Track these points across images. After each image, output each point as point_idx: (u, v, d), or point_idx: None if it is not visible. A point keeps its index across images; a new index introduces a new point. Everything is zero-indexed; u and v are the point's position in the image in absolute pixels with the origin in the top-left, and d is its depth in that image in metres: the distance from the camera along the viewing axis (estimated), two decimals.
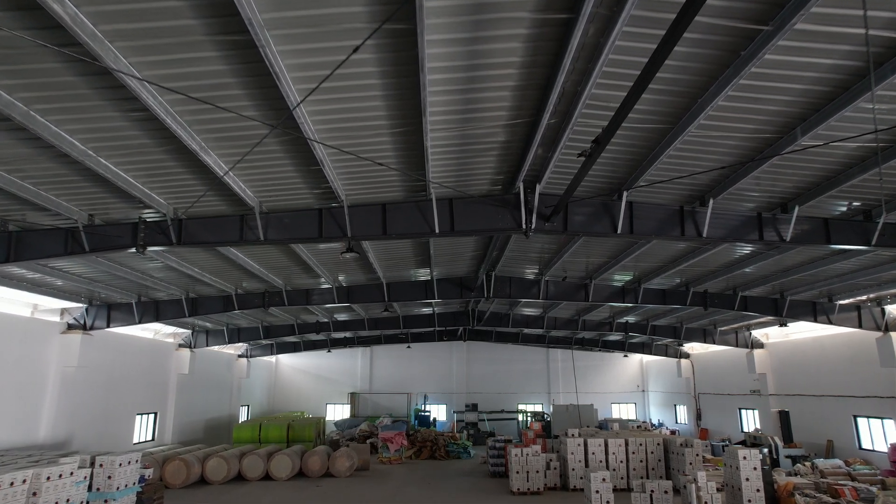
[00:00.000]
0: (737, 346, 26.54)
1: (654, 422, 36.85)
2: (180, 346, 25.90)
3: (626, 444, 19.56)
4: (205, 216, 10.69)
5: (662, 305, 18.89)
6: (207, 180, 9.30)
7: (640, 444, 19.55)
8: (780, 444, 20.82)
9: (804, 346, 23.67)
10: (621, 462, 19.41)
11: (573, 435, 20.51)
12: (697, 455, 18.36)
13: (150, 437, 23.51)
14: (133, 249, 10.47)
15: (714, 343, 26.71)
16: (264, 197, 10.46)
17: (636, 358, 40.83)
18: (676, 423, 35.52)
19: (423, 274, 18.01)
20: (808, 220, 10.76)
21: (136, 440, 22.18)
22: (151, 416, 23.72)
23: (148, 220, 10.47)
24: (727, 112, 7.70)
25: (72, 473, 12.26)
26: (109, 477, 13.57)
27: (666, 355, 34.75)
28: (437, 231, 10.40)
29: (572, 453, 19.39)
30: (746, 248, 14.18)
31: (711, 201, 10.35)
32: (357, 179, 9.97)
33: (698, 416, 32.68)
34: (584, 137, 8.36)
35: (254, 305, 18.36)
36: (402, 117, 7.76)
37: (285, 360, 40.66)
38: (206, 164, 8.43)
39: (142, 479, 14.97)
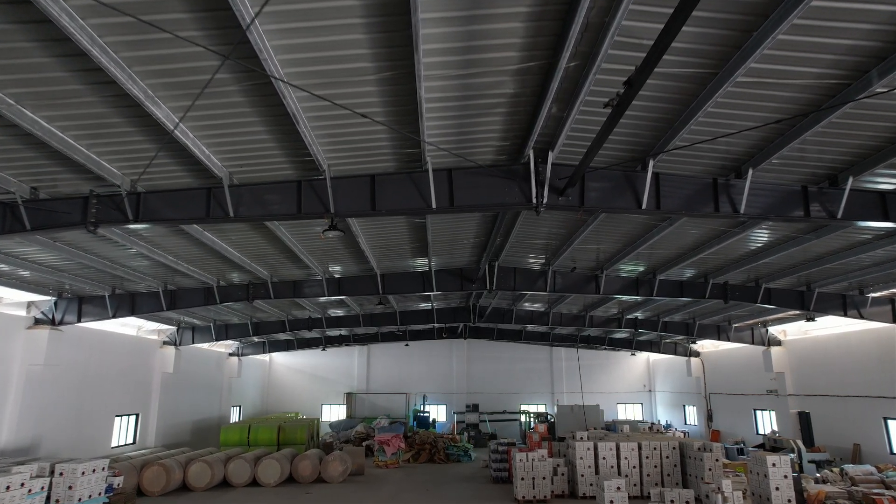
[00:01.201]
0: (752, 343, 25.13)
1: (662, 423, 35.42)
2: (165, 343, 24.51)
3: (640, 448, 18.17)
4: (167, 189, 9.30)
5: (679, 298, 17.50)
6: (163, 143, 7.91)
7: (655, 448, 18.15)
8: (803, 448, 19.41)
9: (827, 343, 22.27)
10: (634, 467, 18.01)
11: (582, 438, 19.11)
12: (717, 460, 16.94)
13: (131, 441, 22.12)
14: (92, 229, 9.08)
15: (728, 340, 25.31)
16: (235, 167, 9.08)
17: (643, 357, 39.44)
18: (686, 424, 34.14)
19: (421, 264, 16.62)
20: (860, 193, 9.36)
21: (114, 444, 20.79)
22: (133, 417, 22.33)
23: (101, 194, 9.08)
24: (787, 50, 6.30)
25: (22, 484, 10.87)
26: (70, 487, 12.21)
27: (675, 353, 33.34)
28: (433, 206, 9.01)
29: (581, 458, 18.00)
30: (765, 234, 12.79)
31: (751, 171, 8.95)
32: (341, 145, 8.58)
33: (709, 417, 31.28)
34: (609, 89, 6.96)
35: (237, 298, 16.98)
36: (389, 57, 6.37)
37: (279, 358, 39.27)
38: (157, 119, 7.04)
39: (109, 488, 13.60)
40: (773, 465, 13.60)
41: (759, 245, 13.74)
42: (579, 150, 8.96)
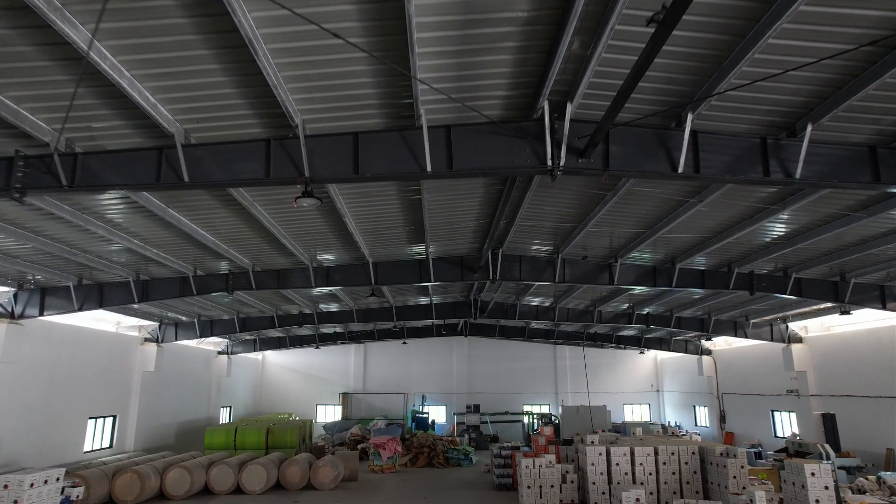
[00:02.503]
0: (772, 340, 23.59)
1: (670, 424, 33.88)
2: (146, 340, 23.01)
3: (656, 453, 16.67)
4: (110, 150, 7.79)
5: (698, 290, 16.00)
6: (94, 85, 6.41)
7: (672, 453, 16.64)
8: (832, 453, 17.90)
9: (854, 339, 20.75)
10: (650, 474, 16.50)
11: (592, 442, 17.61)
12: (742, 467, 15.44)
13: (107, 445, 20.61)
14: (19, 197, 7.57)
15: (745, 337, 23.78)
16: (190, 122, 7.58)
17: (650, 355, 37.93)
18: (696, 425, 32.62)
19: (417, 252, 15.13)
20: None
21: (87, 448, 19.27)
22: (109, 419, 20.81)
23: (29, 155, 7.57)
24: None
25: None
26: (15, 502, 10.67)
27: (686, 351, 31.81)
28: (429, 170, 7.51)
29: (592, 464, 16.49)
30: (802, 216, 11.30)
31: (809, 127, 7.44)
32: (317, 92, 7.10)
33: (722, 419, 29.76)
34: (645, 12, 5.45)
35: (216, 289, 15.47)
36: None
37: (272, 357, 37.76)
38: (74, 46, 5.53)
39: (66, 500, 12.08)
40: (813, 473, 12.08)
41: (795, 227, 12.23)
42: (603, 102, 7.46)
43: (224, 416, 31.79)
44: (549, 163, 7.54)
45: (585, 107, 7.74)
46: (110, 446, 20.68)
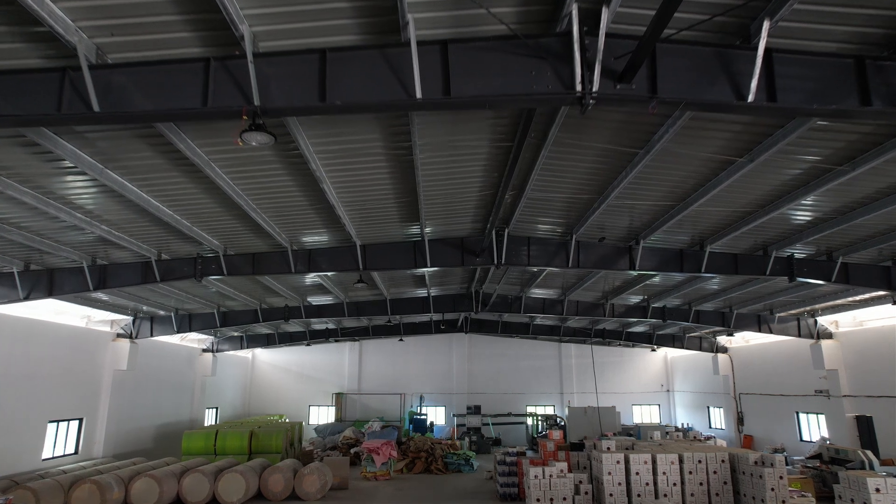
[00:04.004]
0: (799, 335, 21.71)
1: (684, 426, 31.99)
2: (119, 336, 21.14)
3: (681, 460, 14.82)
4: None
5: (734, 275, 14.16)
6: None
7: (699, 461, 14.80)
8: (875, 460, 16.03)
9: (893, 335, 18.87)
10: (674, 485, 14.67)
11: (609, 449, 15.75)
12: (781, 478, 13.60)
13: (72, 451, 18.72)
14: None
15: (770, 332, 21.90)
16: (102, 35, 5.73)
17: (660, 354, 36.05)
18: (710, 427, 30.75)
19: (412, 233, 13.28)
20: None
21: (47, 455, 17.37)
22: (75, 423, 18.93)
23: None
24: None
25: None
26: None
27: (700, 349, 29.93)
28: (418, 97, 5.66)
29: (609, 473, 14.67)
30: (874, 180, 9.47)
31: None
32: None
33: (740, 421, 27.89)
34: None
35: (183, 275, 13.61)
36: None
37: (263, 356, 35.88)
38: None
39: None
40: (878, 489, 10.23)
41: (855, 199, 10.38)
42: (647, 11, 5.61)
43: (210, 418, 29.93)
44: (579, 88, 5.68)
45: (624, 18, 5.92)
46: (75, 452, 18.78)
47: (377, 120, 7.86)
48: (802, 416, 23.62)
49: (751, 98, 5.74)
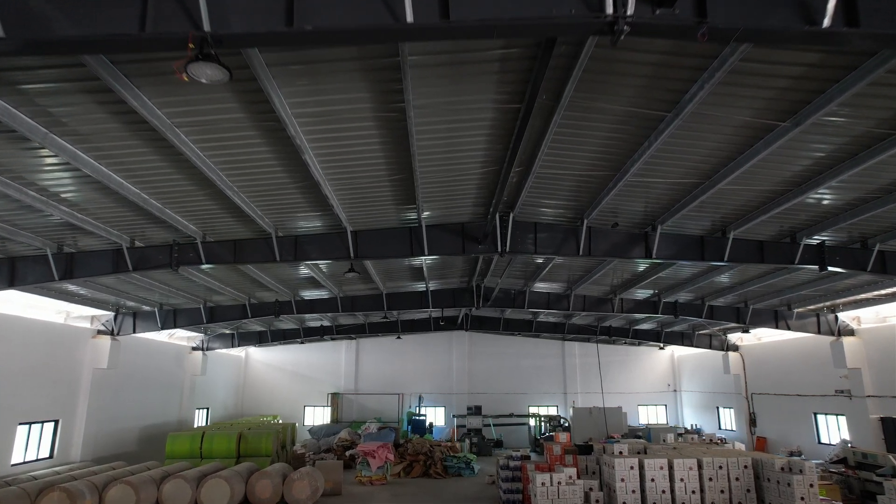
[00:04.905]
0: (818, 332, 20.56)
1: (693, 426, 30.83)
2: (100, 332, 19.97)
3: (700, 466, 13.67)
4: None
5: (760, 264, 13.01)
6: None
7: (720, 467, 13.66)
8: None
9: None
10: (693, 493, 13.53)
11: (621, 453, 14.60)
12: (812, 486, 12.45)
13: (46, 455, 17.54)
14: None
15: (788, 328, 20.74)
16: None
17: (667, 352, 34.89)
18: (720, 428, 29.58)
19: (408, 218, 12.12)
20: None
21: (17, 460, 16.19)
22: (49, 425, 17.75)
23: None
24: None
25: None
26: None
27: (710, 347, 28.76)
28: (409, 20, 4.51)
29: (622, 480, 13.53)
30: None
31: None
32: None
33: (752, 422, 26.73)
34: None
35: (157, 264, 12.46)
36: None
37: (256, 354, 34.71)
38: None
39: None
40: None
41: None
42: None
43: (200, 419, 28.76)
44: (610, 10, 4.52)
45: None
46: (50, 456, 17.61)
47: (364, 71, 6.70)
48: (821, 418, 22.46)
49: (826, 22, 4.59)
